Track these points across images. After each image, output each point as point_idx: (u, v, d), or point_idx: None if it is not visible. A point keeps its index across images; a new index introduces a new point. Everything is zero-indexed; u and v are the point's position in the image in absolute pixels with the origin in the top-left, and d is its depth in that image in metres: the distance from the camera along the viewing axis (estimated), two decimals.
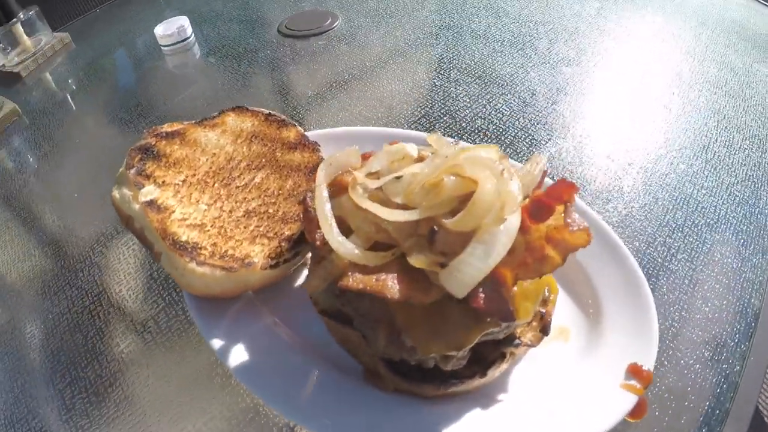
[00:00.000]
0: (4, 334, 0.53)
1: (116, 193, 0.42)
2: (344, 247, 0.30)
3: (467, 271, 0.26)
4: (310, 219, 0.32)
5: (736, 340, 0.44)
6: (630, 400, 0.35)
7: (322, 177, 0.33)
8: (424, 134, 0.51)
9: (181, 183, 0.43)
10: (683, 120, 0.65)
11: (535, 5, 0.91)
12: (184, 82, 0.86)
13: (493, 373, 0.34)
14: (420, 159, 0.34)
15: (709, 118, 0.65)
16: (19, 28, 0.93)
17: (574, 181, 0.56)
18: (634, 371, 0.37)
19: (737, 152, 0.61)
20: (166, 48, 0.91)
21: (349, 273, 0.29)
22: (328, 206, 0.31)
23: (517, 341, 0.35)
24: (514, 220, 0.28)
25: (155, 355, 0.46)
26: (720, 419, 0.39)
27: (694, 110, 0.67)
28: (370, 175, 0.33)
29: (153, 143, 0.46)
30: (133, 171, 0.42)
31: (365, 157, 0.38)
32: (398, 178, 0.32)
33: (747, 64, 0.75)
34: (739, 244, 0.51)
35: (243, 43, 0.90)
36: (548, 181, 0.48)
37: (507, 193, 0.28)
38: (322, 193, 0.32)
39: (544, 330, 0.37)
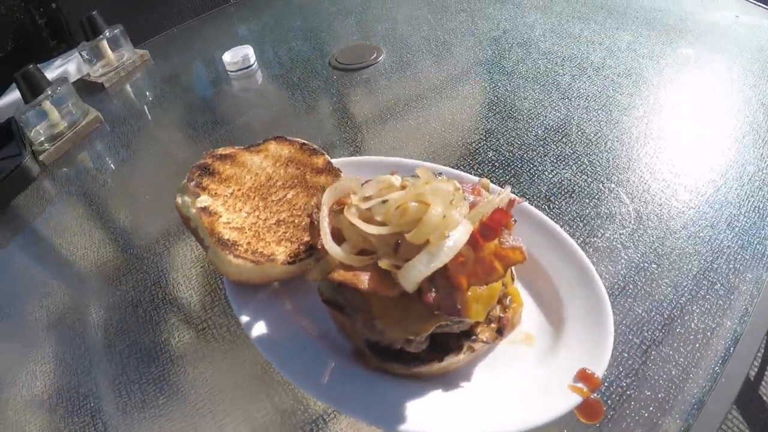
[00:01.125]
0: (76, 316, 0.60)
1: (179, 200, 0.55)
2: (334, 250, 0.40)
3: (413, 273, 0.36)
4: (314, 228, 0.43)
5: (711, 363, 0.46)
6: (573, 400, 0.41)
7: (326, 197, 0.44)
8: (428, 164, 0.60)
9: (229, 195, 0.56)
10: (694, 152, 0.67)
11: (566, 41, 0.96)
12: (246, 105, 0.99)
13: (450, 360, 0.43)
14: (403, 187, 0.43)
15: (726, 148, 0.67)
16: (105, 44, 1.07)
17: (558, 212, 0.60)
18: (582, 375, 0.42)
19: (746, 184, 0.62)
20: (232, 73, 1.04)
21: (337, 270, 0.39)
22: (326, 220, 0.42)
23: (474, 337, 0.43)
24: (458, 238, 0.37)
25: (210, 351, 0.53)
26: None
27: (709, 143, 0.68)
28: (364, 198, 0.43)
29: (209, 163, 0.59)
30: (192, 183, 0.55)
31: None
32: (384, 201, 0.41)
33: None
34: (730, 272, 0.53)
35: (298, 73, 1.02)
36: (530, 207, 0.55)
37: (450, 217, 0.37)
38: (324, 209, 0.42)
39: (500, 331, 0.44)
